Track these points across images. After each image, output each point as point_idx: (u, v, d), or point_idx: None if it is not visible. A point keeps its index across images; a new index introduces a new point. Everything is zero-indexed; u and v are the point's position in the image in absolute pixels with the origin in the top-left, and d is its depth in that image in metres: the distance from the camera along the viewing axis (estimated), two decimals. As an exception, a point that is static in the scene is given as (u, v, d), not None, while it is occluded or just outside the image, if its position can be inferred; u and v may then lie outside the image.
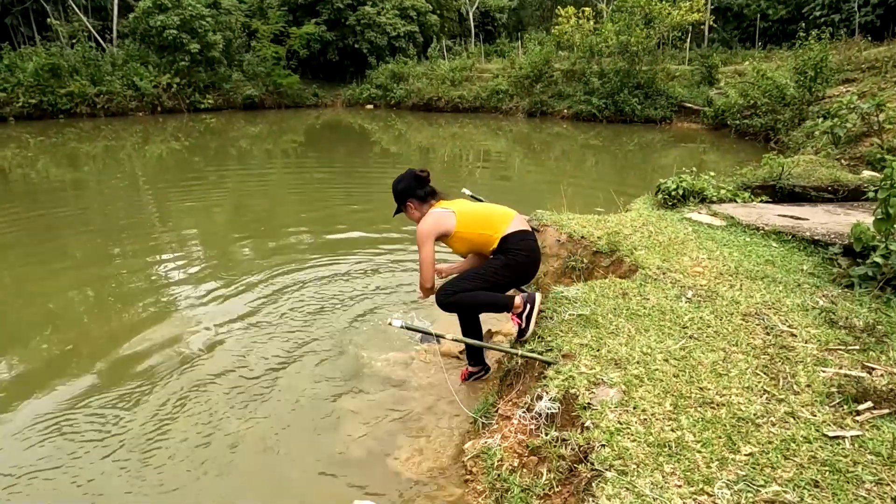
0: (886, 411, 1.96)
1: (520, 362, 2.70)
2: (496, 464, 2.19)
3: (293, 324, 4.23)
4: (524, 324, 2.79)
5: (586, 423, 2.01)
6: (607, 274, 3.67)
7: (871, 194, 4.22)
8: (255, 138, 15.90)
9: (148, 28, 19.67)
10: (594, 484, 1.74)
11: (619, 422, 1.98)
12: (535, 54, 20.83)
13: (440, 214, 2.93)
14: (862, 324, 2.58)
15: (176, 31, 19.39)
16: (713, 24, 22.54)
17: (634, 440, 1.89)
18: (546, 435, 2.12)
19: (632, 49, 17.84)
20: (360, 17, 24.87)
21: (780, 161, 5.85)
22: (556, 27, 21.31)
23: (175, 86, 20.25)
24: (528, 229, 2.98)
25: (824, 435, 1.88)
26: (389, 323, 2.46)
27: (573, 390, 2.19)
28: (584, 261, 4.00)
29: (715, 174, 5.45)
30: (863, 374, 2.18)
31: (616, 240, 3.91)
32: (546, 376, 2.33)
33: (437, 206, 3.00)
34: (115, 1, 21.79)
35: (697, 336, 2.55)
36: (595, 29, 19.62)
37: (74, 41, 20.67)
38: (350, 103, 25.07)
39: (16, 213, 7.71)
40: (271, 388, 3.40)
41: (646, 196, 5.45)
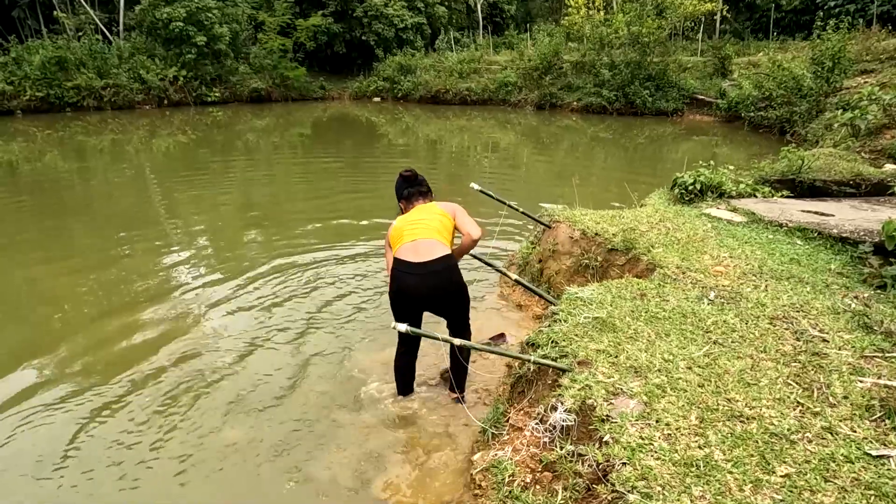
0: (934, 428, 1.80)
1: (531, 368, 2.56)
2: (507, 479, 2.05)
3: (299, 325, 4.11)
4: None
5: (605, 438, 1.86)
6: (623, 273, 3.51)
7: (900, 189, 4.03)
8: (262, 131, 15.75)
9: (154, 20, 19.51)
10: (616, 507, 1.60)
11: (641, 437, 1.84)
12: (545, 46, 20.43)
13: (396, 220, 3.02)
14: (899, 329, 2.41)
15: (182, 24, 19.22)
16: (725, 15, 22.06)
17: (658, 458, 1.74)
18: (561, 449, 1.98)
19: (643, 40, 17.47)
20: (367, 9, 24.56)
21: (800, 154, 5.63)
22: (566, 18, 20.97)
23: (182, 79, 20.11)
24: (421, 261, 2.73)
25: (867, 454, 1.72)
26: (393, 326, 2.33)
27: (590, 401, 2.04)
28: (599, 259, 3.84)
29: (733, 168, 5.26)
30: (905, 386, 2.02)
31: (632, 237, 3.74)
32: (560, 385, 2.18)
33: (414, 208, 3.09)
34: (122, -7, 21.68)
35: (722, 341, 2.40)
36: (605, 20, 19.25)
37: (81, 34, 20.55)
38: (357, 96, 24.82)
39: (21, 202, 7.66)
40: (272, 392, 3.29)
41: (661, 190, 5.27)
